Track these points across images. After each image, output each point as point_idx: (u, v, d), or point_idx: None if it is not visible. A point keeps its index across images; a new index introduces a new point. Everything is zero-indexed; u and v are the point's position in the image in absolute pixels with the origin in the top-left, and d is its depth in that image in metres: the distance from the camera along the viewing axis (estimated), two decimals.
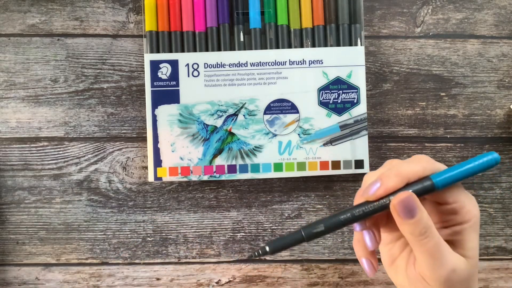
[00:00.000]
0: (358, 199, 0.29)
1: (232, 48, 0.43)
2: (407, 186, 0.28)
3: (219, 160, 0.42)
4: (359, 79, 0.42)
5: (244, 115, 0.42)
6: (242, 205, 0.44)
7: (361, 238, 0.30)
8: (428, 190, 0.28)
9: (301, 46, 0.43)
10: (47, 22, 0.44)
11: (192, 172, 0.42)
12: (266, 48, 0.43)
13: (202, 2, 0.43)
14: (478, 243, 0.29)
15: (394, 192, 0.28)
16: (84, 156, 0.44)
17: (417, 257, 0.28)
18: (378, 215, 0.29)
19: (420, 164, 0.28)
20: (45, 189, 0.43)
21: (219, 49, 0.43)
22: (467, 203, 0.29)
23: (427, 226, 0.27)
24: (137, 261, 0.44)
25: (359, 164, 0.42)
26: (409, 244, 0.29)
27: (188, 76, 0.42)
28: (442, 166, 0.29)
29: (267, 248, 0.29)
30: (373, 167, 0.44)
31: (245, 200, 0.44)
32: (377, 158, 0.44)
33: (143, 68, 0.44)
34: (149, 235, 0.44)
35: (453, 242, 0.29)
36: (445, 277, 0.28)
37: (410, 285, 0.30)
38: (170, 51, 0.42)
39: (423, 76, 0.44)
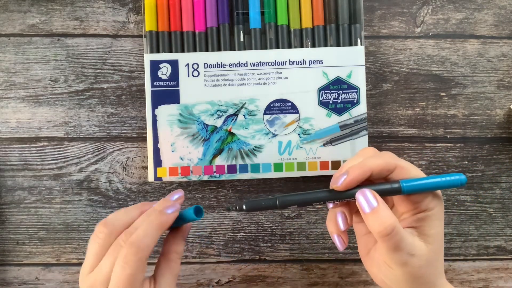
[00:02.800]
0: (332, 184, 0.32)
1: (232, 48, 0.43)
2: (379, 184, 0.31)
3: (219, 160, 0.42)
4: (359, 79, 0.42)
5: (244, 115, 0.42)
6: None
7: (334, 217, 0.33)
8: (395, 192, 0.30)
9: (301, 46, 0.43)
10: (47, 22, 0.44)
11: (192, 172, 0.42)
12: (266, 48, 0.43)
13: (202, 2, 0.43)
14: (442, 231, 0.31)
15: (360, 186, 0.31)
16: (84, 156, 0.44)
17: (379, 245, 0.31)
18: (352, 202, 0.32)
19: (383, 159, 0.31)
20: (45, 189, 0.43)
21: (219, 49, 0.43)
22: (430, 193, 0.31)
23: (388, 222, 0.29)
24: None
25: None
26: None
27: (188, 76, 0.42)
28: (404, 163, 0.31)
29: (244, 206, 0.32)
30: None
31: (245, 200, 0.44)
32: None
33: (143, 68, 0.44)
34: None
35: (416, 229, 0.31)
36: (404, 262, 0.29)
37: (380, 273, 0.31)
38: (170, 51, 0.42)
39: (423, 76, 0.45)
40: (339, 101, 0.42)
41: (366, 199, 0.30)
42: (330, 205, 0.33)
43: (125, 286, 0.29)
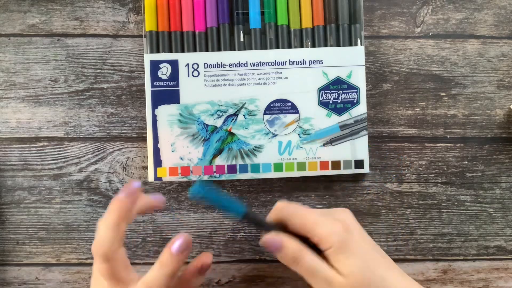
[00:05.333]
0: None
1: (232, 48, 0.43)
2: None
3: (219, 160, 0.42)
4: (359, 79, 0.42)
5: (244, 115, 0.42)
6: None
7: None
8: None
9: (301, 46, 0.43)
10: (47, 22, 0.44)
11: (192, 172, 0.42)
12: (266, 48, 0.43)
13: (202, 2, 0.43)
14: (357, 260, 0.31)
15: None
16: (84, 156, 0.44)
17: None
18: None
19: (274, 211, 0.35)
20: (45, 189, 0.43)
21: (219, 49, 0.43)
22: (323, 233, 0.32)
23: (295, 256, 0.32)
24: (137, 261, 0.44)
25: (359, 164, 0.42)
26: None
27: (188, 76, 0.42)
28: (292, 210, 0.34)
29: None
30: (373, 167, 0.44)
31: (245, 200, 0.44)
32: (377, 158, 0.44)
33: (143, 68, 0.44)
34: (149, 235, 0.44)
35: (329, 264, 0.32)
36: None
37: None
38: (170, 51, 0.43)
39: (423, 76, 0.45)
40: (339, 101, 0.42)
41: (270, 242, 0.32)
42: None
43: None
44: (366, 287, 0.31)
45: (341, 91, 0.42)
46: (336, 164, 0.42)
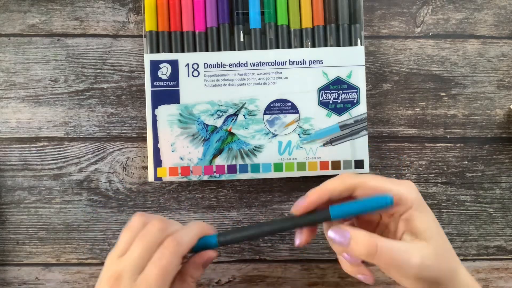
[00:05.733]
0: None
1: (232, 48, 0.43)
2: (311, 214, 0.32)
3: (219, 160, 0.42)
4: (359, 79, 0.42)
5: (244, 115, 0.42)
6: (242, 205, 0.44)
7: (343, 262, 0.33)
8: (325, 219, 0.31)
9: (301, 46, 0.43)
10: (47, 22, 0.44)
11: (192, 172, 0.42)
12: (266, 48, 0.43)
13: (202, 2, 0.43)
14: (434, 221, 0.31)
15: (319, 210, 0.32)
16: (84, 156, 0.44)
17: (383, 269, 0.30)
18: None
19: (340, 179, 0.31)
20: (45, 189, 0.43)
21: (219, 49, 0.43)
22: (402, 192, 0.30)
23: (369, 243, 0.29)
24: None
25: (359, 164, 0.42)
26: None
27: (188, 76, 0.42)
28: (361, 178, 0.31)
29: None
30: (373, 167, 0.44)
31: (245, 200, 0.44)
32: (377, 158, 0.44)
33: (143, 68, 0.44)
34: None
35: (410, 231, 0.30)
36: (417, 273, 0.29)
37: (410, 285, 0.31)
38: (170, 51, 0.42)
39: (423, 76, 0.45)
40: (339, 101, 0.42)
41: (338, 234, 0.30)
42: (297, 242, 0.33)
43: (157, 276, 0.29)
44: (444, 254, 0.30)
45: (341, 91, 0.42)
46: (336, 164, 0.42)
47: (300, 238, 0.33)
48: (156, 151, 0.42)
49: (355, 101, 0.42)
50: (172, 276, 0.30)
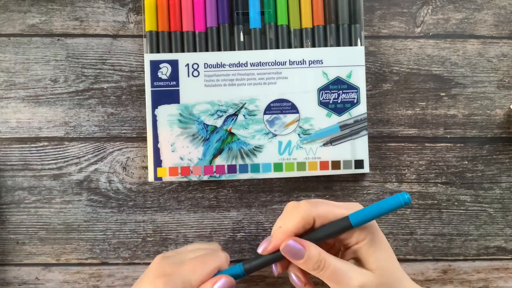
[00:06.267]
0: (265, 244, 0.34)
1: (232, 48, 0.43)
2: (329, 225, 0.32)
3: (219, 160, 0.42)
4: (359, 79, 0.42)
5: (244, 115, 0.42)
6: (242, 205, 0.44)
7: (291, 280, 0.34)
8: (347, 229, 0.32)
9: (301, 46, 0.43)
10: (47, 22, 0.44)
11: (192, 172, 0.42)
12: (266, 48, 0.43)
13: (202, 2, 0.43)
14: (384, 252, 0.32)
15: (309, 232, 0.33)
16: (84, 156, 0.44)
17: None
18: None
19: (300, 217, 0.32)
20: (45, 189, 0.43)
21: (219, 49, 0.43)
22: (356, 228, 0.32)
23: (319, 260, 0.31)
24: (137, 261, 0.44)
25: (359, 164, 0.42)
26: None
27: (188, 76, 0.42)
28: (323, 209, 0.32)
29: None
30: (373, 167, 0.44)
31: (245, 200, 0.44)
32: (377, 158, 0.44)
33: (143, 68, 0.44)
34: (149, 235, 0.44)
35: (357, 260, 0.32)
36: None
37: None
38: (170, 51, 0.42)
39: (423, 76, 0.45)
40: (339, 101, 0.42)
41: (291, 249, 0.31)
42: (275, 272, 0.35)
43: None
44: (390, 284, 0.31)
45: (341, 91, 0.42)
46: (336, 164, 0.42)
47: (279, 266, 0.35)
48: (156, 151, 0.42)
49: (355, 101, 0.42)
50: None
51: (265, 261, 0.33)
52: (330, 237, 0.32)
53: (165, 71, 0.42)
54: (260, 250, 0.33)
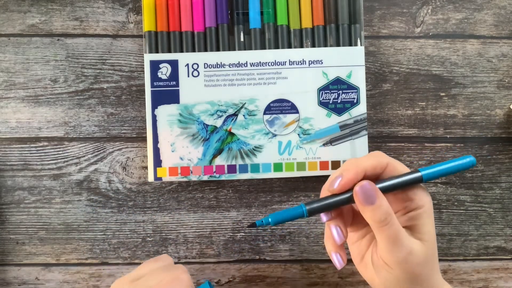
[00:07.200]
0: (324, 193, 0.32)
1: (231, 48, 0.43)
2: (399, 176, 0.31)
3: (219, 160, 0.42)
4: (359, 79, 0.42)
5: (244, 115, 0.42)
6: (242, 205, 0.44)
7: (330, 234, 0.32)
8: (416, 181, 0.31)
9: (301, 46, 0.43)
10: (47, 22, 0.44)
11: (192, 172, 0.42)
12: (265, 48, 0.43)
13: (201, 2, 0.43)
14: (434, 228, 0.32)
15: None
16: (84, 156, 0.44)
17: (378, 243, 0.31)
18: (345, 214, 0.33)
19: (375, 158, 0.31)
20: (45, 189, 0.43)
21: (217, 49, 0.43)
22: (419, 191, 0.31)
23: (387, 213, 0.29)
24: (137, 261, 0.44)
25: None
26: (374, 237, 0.32)
27: (188, 76, 0.42)
28: (393, 160, 0.32)
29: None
30: None
31: (245, 200, 0.44)
32: None
33: (143, 68, 0.44)
34: (149, 235, 0.44)
35: (410, 228, 0.31)
36: (403, 259, 0.30)
37: (377, 274, 0.31)
38: (169, 51, 0.42)
39: (423, 76, 0.45)
40: (339, 101, 0.42)
41: (365, 191, 0.30)
42: (324, 218, 0.32)
43: None
44: (431, 259, 0.31)
45: (341, 91, 0.42)
46: (336, 164, 0.42)
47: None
48: (156, 151, 0.42)
49: (355, 101, 0.42)
50: None
51: (329, 203, 0.31)
52: (399, 188, 0.31)
53: (165, 71, 0.42)
54: (333, 187, 0.31)
